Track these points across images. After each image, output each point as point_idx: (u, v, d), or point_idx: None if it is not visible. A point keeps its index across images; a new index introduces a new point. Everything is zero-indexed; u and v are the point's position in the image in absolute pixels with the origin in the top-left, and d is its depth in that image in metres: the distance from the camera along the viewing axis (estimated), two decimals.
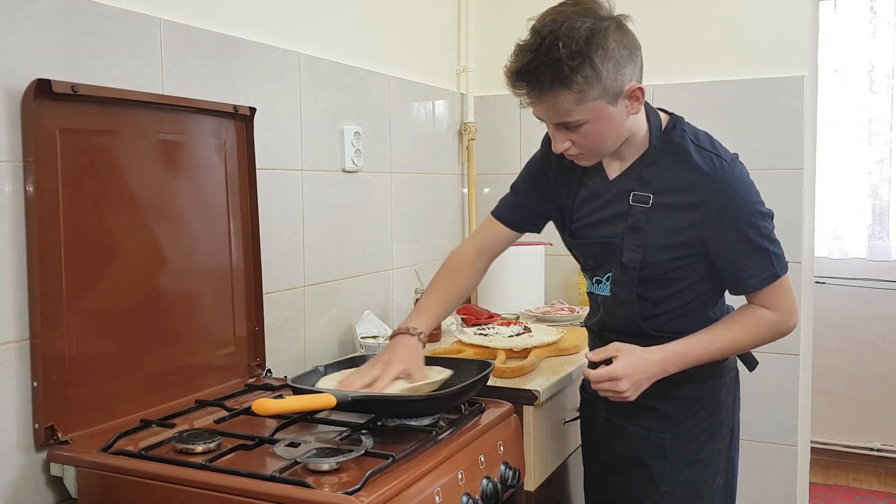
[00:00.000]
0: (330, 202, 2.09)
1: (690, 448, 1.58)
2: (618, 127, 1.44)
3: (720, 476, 1.62)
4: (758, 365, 1.74)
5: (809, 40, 2.47)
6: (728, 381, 1.63)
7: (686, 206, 1.47)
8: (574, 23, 1.34)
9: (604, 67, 1.35)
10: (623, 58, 1.38)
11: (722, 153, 1.49)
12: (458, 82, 2.79)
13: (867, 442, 3.92)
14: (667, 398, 1.56)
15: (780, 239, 2.57)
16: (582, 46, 1.33)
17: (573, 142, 1.46)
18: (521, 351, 1.96)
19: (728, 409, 1.63)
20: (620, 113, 1.43)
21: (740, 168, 1.49)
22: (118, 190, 1.45)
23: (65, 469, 1.31)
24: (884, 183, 3.83)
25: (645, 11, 2.60)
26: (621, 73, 1.38)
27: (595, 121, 1.41)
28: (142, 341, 1.50)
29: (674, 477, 1.57)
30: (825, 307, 3.76)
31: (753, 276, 1.50)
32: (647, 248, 1.50)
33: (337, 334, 2.12)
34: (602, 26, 1.36)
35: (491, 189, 2.87)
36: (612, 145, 1.48)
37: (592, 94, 1.37)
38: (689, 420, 1.58)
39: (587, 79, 1.35)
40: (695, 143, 1.49)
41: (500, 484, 1.42)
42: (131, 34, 1.50)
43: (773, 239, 1.51)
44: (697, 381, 1.57)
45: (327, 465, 1.19)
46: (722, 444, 1.61)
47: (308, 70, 1.99)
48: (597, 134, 1.44)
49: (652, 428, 1.59)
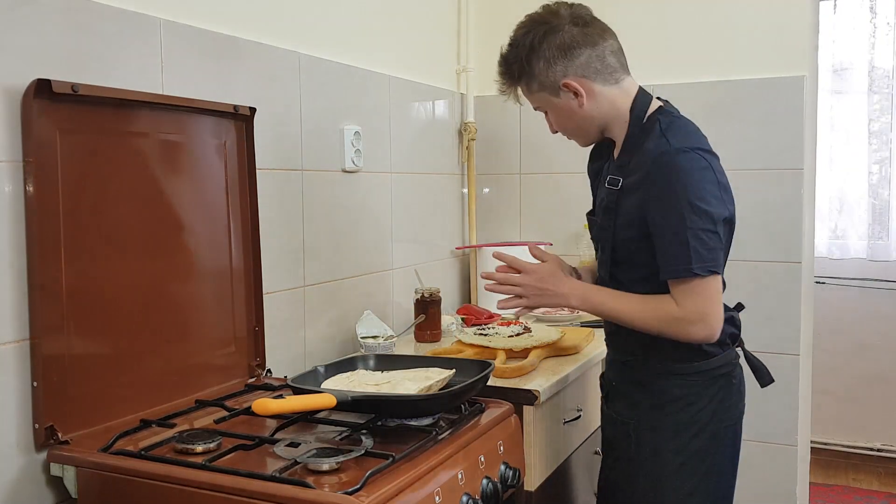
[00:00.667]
0: (330, 202, 2.09)
1: (653, 438, 1.62)
2: (570, 114, 1.64)
3: (693, 477, 1.61)
4: (772, 382, 1.74)
5: (809, 40, 2.47)
6: (705, 382, 1.61)
7: (636, 187, 1.57)
8: (519, 30, 1.64)
9: (535, 66, 1.60)
10: (554, 57, 1.59)
11: (675, 142, 1.53)
12: (458, 82, 2.79)
13: (867, 442, 3.92)
14: (638, 387, 1.65)
15: (780, 239, 2.59)
16: (520, 50, 1.62)
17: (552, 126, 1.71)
18: (521, 351, 1.96)
19: (706, 411, 1.61)
20: (568, 103, 1.62)
21: (689, 160, 1.51)
22: (118, 190, 1.45)
23: (65, 469, 1.31)
24: (884, 183, 3.83)
25: (645, 12, 2.61)
26: (552, 70, 1.59)
27: (550, 109, 1.67)
28: (142, 341, 1.50)
29: (639, 465, 1.64)
30: (825, 307, 3.76)
31: (668, 266, 1.52)
32: (615, 227, 1.61)
33: (337, 334, 2.12)
34: (539, 31, 1.60)
35: (491, 189, 2.87)
36: (581, 129, 1.67)
37: (534, 87, 1.64)
38: (653, 411, 1.63)
39: (526, 74, 1.63)
40: (660, 131, 1.56)
41: (500, 484, 1.42)
42: (131, 34, 1.50)
43: (700, 237, 1.48)
44: (666, 375, 1.61)
45: (327, 465, 1.19)
46: (695, 443, 1.60)
47: (308, 70, 1.99)
48: (558, 121, 1.69)
49: (621, 413, 1.68)
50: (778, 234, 2.48)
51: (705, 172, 1.51)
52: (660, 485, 1.62)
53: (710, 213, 1.49)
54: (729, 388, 1.65)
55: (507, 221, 2.86)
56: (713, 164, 1.54)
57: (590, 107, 1.62)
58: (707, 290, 1.51)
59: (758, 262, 2.49)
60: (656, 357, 1.62)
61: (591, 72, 1.60)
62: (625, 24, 2.64)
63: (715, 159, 1.57)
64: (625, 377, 1.69)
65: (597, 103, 1.62)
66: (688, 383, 1.61)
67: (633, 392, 1.67)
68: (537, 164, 2.78)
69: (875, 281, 3.87)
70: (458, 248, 2.78)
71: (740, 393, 1.69)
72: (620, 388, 1.70)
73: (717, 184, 1.53)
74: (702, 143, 1.57)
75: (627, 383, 1.68)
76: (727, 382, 1.64)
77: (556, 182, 2.77)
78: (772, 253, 2.48)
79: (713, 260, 1.50)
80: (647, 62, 2.63)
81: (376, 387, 1.50)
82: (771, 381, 1.74)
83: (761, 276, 2.48)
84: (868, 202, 3.85)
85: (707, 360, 1.60)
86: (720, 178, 1.55)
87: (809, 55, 2.47)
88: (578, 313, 2.42)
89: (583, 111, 1.62)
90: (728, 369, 1.64)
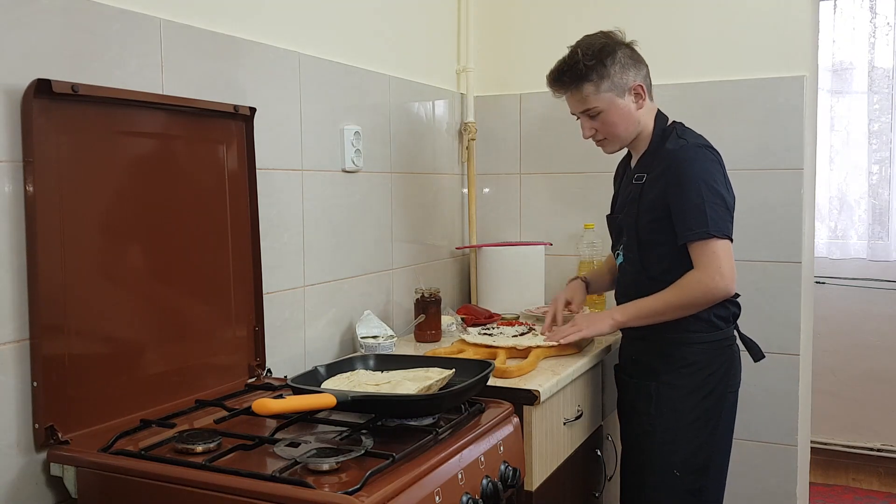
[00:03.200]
0: (330, 202, 2.09)
1: (671, 397, 1.90)
2: (627, 116, 1.93)
3: (703, 431, 1.90)
4: (763, 358, 2.01)
5: (809, 40, 2.47)
6: (715, 351, 1.90)
7: (658, 178, 1.89)
8: (592, 40, 1.93)
9: (611, 68, 1.89)
10: (627, 64, 1.91)
11: (690, 139, 1.90)
12: (458, 82, 2.79)
13: (867, 442, 3.92)
14: (654, 356, 1.93)
15: (780, 239, 2.59)
16: (595, 53, 1.89)
17: (596, 129, 1.95)
18: (521, 350, 1.96)
19: (715, 374, 1.90)
20: (628, 105, 1.92)
21: (703, 154, 1.86)
22: (118, 190, 1.45)
23: (65, 469, 1.31)
24: (884, 183, 3.83)
25: (645, 12, 2.61)
26: (626, 74, 1.91)
27: (608, 109, 1.91)
28: (142, 341, 1.50)
29: (657, 420, 1.91)
30: (825, 307, 3.76)
31: (689, 230, 1.81)
32: (638, 213, 1.92)
33: (337, 334, 2.12)
34: (613, 42, 1.92)
35: (491, 189, 2.87)
36: (625, 132, 1.95)
37: (604, 87, 1.90)
38: (670, 374, 1.91)
39: (599, 74, 1.89)
40: (677, 135, 1.91)
41: (500, 484, 1.42)
42: (131, 34, 1.50)
43: (714, 208, 1.80)
44: (679, 343, 1.90)
45: (327, 465, 1.19)
46: (706, 402, 1.89)
47: (308, 70, 1.99)
48: (611, 121, 1.93)
49: (643, 378, 1.95)
50: (778, 234, 2.48)
51: (715, 164, 1.87)
52: (677, 437, 1.90)
53: (721, 194, 1.83)
54: (732, 358, 1.95)
55: (507, 221, 2.86)
56: (720, 161, 1.90)
57: (642, 112, 1.94)
58: (722, 249, 1.80)
59: (758, 262, 2.49)
60: (675, 329, 1.88)
61: (647, 84, 1.96)
62: (625, 25, 2.64)
63: (721, 159, 1.91)
64: (646, 349, 1.95)
65: (645, 111, 1.95)
66: (700, 350, 1.89)
67: (653, 360, 1.93)
68: (537, 164, 2.78)
69: (875, 281, 3.87)
70: (458, 248, 2.78)
71: (740, 364, 1.98)
72: (641, 359, 1.97)
73: (724, 175, 1.89)
74: (708, 144, 1.92)
75: (648, 354, 1.95)
76: (731, 353, 1.95)
77: (556, 182, 2.77)
78: (772, 253, 2.48)
79: (726, 227, 1.81)
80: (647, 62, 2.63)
81: (376, 387, 1.50)
82: (762, 357, 2.01)
83: (761, 276, 2.48)
84: (868, 202, 3.85)
85: (716, 331, 1.90)
86: (725, 172, 1.90)
87: (809, 55, 2.47)
88: None
89: (636, 115, 1.93)
90: (730, 342, 1.95)
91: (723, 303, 1.88)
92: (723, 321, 1.91)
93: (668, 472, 1.90)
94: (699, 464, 1.90)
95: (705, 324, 1.88)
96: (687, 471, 1.89)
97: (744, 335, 2.00)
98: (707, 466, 1.91)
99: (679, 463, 1.89)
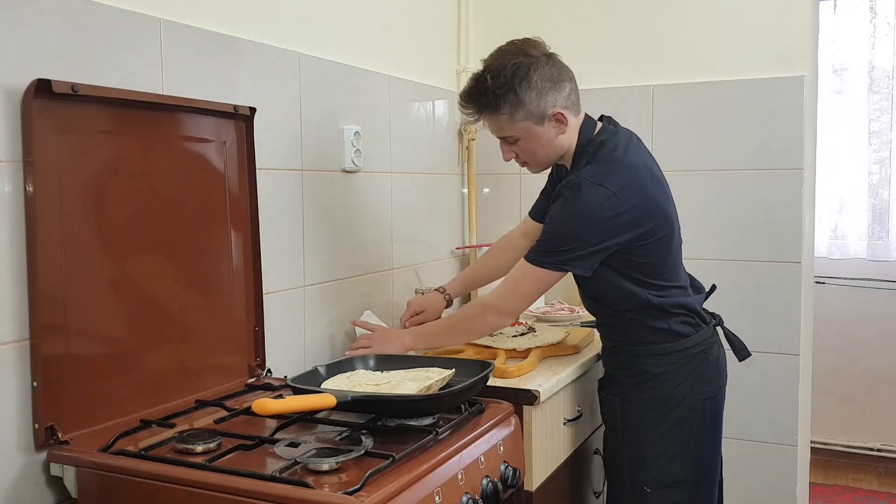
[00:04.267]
0: (330, 202, 2.09)
1: (636, 412, 1.82)
2: (547, 143, 1.75)
3: (674, 444, 1.80)
4: (749, 356, 1.92)
5: (809, 40, 2.47)
6: (681, 360, 1.79)
7: None
8: (505, 59, 1.70)
9: (526, 95, 1.68)
10: (545, 89, 1.70)
11: (592, 169, 1.68)
12: (458, 82, 2.79)
13: (867, 442, 3.92)
14: (623, 369, 1.85)
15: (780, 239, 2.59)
16: (508, 78, 1.68)
17: (516, 154, 1.80)
18: (523, 351, 1.96)
19: (682, 385, 1.79)
20: (548, 132, 1.74)
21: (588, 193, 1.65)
22: (118, 190, 1.45)
23: (65, 469, 1.31)
24: (884, 183, 3.83)
25: (645, 12, 2.61)
26: (544, 100, 1.70)
27: (526, 137, 1.74)
28: (142, 341, 1.50)
29: (623, 435, 1.85)
30: (825, 307, 3.76)
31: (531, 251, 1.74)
32: None
33: (337, 334, 2.12)
34: (528, 62, 1.69)
35: (491, 189, 2.87)
36: (547, 157, 1.79)
37: (519, 117, 1.71)
38: (635, 388, 1.82)
39: (512, 104, 1.69)
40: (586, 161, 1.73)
41: (500, 484, 1.42)
42: (131, 34, 1.50)
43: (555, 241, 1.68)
44: (642, 356, 1.80)
45: (327, 465, 1.19)
46: (674, 414, 1.79)
47: (308, 70, 1.99)
48: (530, 148, 1.77)
49: (610, 392, 1.89)
50: (778, 234, 2.48)
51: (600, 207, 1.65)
52: (644, 452, 1.81)
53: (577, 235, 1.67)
54: (706, 364, 1.82)
55: (507, 221, 2.85)
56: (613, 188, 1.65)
57: (565, 136, 1.76)
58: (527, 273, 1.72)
59: (758, 262, 2.49)
60: (636, 342, 1.80)
61: (569, 104, 1.75)
62: (625, 25, 2.65)
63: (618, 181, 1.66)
64: (613, 361, 1.89)
65: (568, 133, 1.77)
66: (665, 362, 1.79)
67: (619, 374, 1.86)
68: None
69: (875, 281, 3.87)
70: (458, 248, 2.78)
71: (718, 368, 1.85)
72: (610, 371, 1.91)
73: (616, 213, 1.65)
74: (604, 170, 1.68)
75: (615, 367, 1.88)
76: (704, 359, 1.81)
77: None
78: (772, 253, 2.48)
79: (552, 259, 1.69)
80: (647, 62, 2.64)
81: (376, 387, 1.50)
82: (748, 356, 1.92)
83: (761, 276, 2.48)
84: (868, 202, 3.85)
85: (680, 340, 1.79)
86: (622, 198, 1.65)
87: (809, 55, 2.47)
88: (578, 313, 2.43)
89: (558, 140, 1.76)
90: (702, 348, 1.81)
91: (682, 311, 1.78)
92: (690, 327, 1.79)
93: (639, 489, 1.82)
94: (672, 479, 1.79)
95: (665, 334, 1.78)
96: (658, 487, 1.80)
97: (729, 333, 1.93)
98: (683, 480, 1.80)
99: (649, 479, 1.80)
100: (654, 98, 2.59)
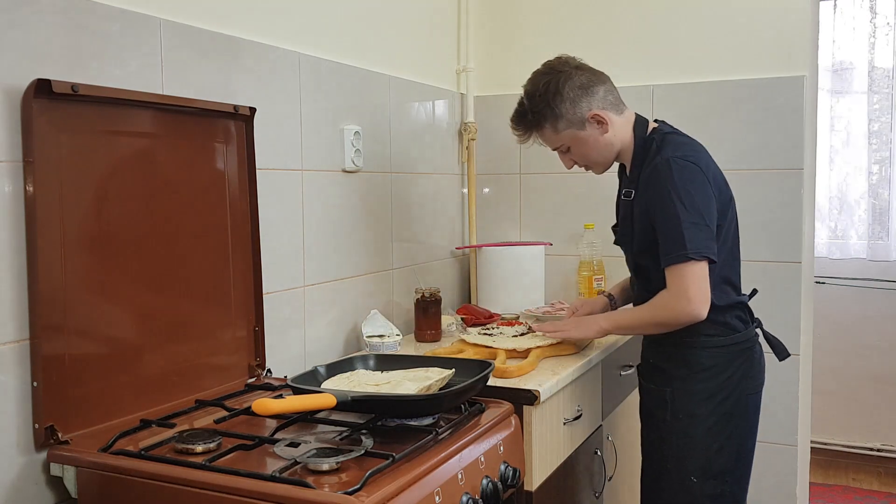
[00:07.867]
0: (330, 202, 2.09)
1: (687, 402, 1.87)
2: (595, 144, 1.90)
3: (721, 436, 1.86)
4: (788, 356, 2.00)
5: (809, 40, 2.47)
6: (732, 354, 1.86)
7: (642, 197, 1.86)
8: (537, 80, 1.89)
9: (561, 107, 1.86)
10: (577, 97, 1.86)
11: (668, 151, 1.82)
12: (458, 82, 2.79)
13: (867, 442, 3.92)
14: (670, 360, 1.90)
15: (780, 239, 2.59)
16: (540, 97, 1.87)
17: (573, 160, 1.97)
18: (523, 351, 1.96)
19: (732, 378, 1.85)
20: (592, 134, 1.89)
21: (679, 167, 1.78)
22: (118, 190, 1.45)
23: (65, 469, 1.31)
24: (884, 183, 3.84)
25: (644, 12, 2.61)
26: (578, 107, 1.86)
27: (575, 144, 1.91)
28: (142, 341, 1.50)
29: (672, 426, 1.89)
30: (825, 307, 3.76)
31: (667, 255, 1.77)
32: (633, 237, 1.91)
33: (338, 334, 2.12)
34: (557, 78, 1.86)
35: (491, 189, 2.87)
36: (601, 156, 1.93)
37: (561, 127, 1.88)
38: (686, 379, 1.87)
39: (551, 119, 1.88)
40: (656, 147, 1.86)
41: (501, 484, 1.42)
42: (131, 34, 1.50)
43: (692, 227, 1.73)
44: (695, 347, 1.86)
45: (327, 465, 1.19)
46: (723, 407, 1.85)
47: (308, 70, 1.99)
48: (582, 152, 1.93)
49: (659, 384, 1.92)
50: (778, 234, 2.48)
51: (695, 174, 1.78)
52: (693, 442, 1.87)
53: (698, 210, 1.75)
54: (751, 360, 1.89)
55: (507, 221, 2.86)
56: (702, 166, 1.80)
57: (611, 134, 1.89)
58: (692, 272, 1.74)
59: (758, 262, 2.48)
60: (691, 332, 1.83)
61: (607, 104, 1.89)
62: (625, 25, 2.65)
63: (703, 161, 1.82)
64: (661, 354, 1.93)
65: (614, 131, 1.90)
66: (717, 354, 1.85)
67: (668, 365, 1.91)
68: (537, 164, 2.78)
69: (875, 281, 3.87)
70: (458, 248, 2.78)
71: (760, 366, 1.93)
72: (658, 363, 1.94)
73: (707, 182, 1.79)
74: (687, 151, 1.83)
75: (663, 358, 1.92)
76: (750, 355, 1.89)
77: (556, 182, 2.77)
78: (772, 253, 2.48)
79: (704, 245, 1.74)
80: (647, 62, 2.64)
81: (376, 387, 1.50)
82: (788, 356, 1.99)
83: (761, 276, 2.48)
84: (868, 202, 3.85)
85: (732, 334, 1.86)
86: (709, 176, 1.80)
87: (809, 55, 2.47)
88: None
89: (605, 139, 1.89)
90: (749, 344, 1.89)
91: (738, 305, 1.88)
92: (740, 322, 1.88)
93: (686, 478, 1.87)
94: (717, 469, 1.86)
95: (722, 327, 1.85)
96: (704, 477, 1.86)
97: (768, 334, 1.98)
98: (726, 472, 1.87)
99: (696, 469, 1.86)
100: (654, 98, 2.59)
